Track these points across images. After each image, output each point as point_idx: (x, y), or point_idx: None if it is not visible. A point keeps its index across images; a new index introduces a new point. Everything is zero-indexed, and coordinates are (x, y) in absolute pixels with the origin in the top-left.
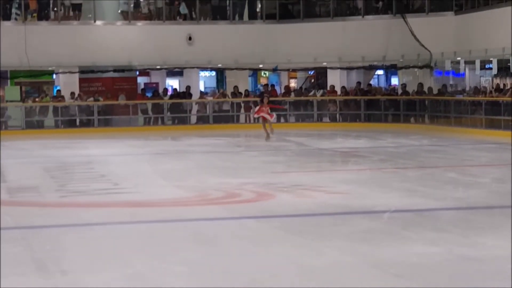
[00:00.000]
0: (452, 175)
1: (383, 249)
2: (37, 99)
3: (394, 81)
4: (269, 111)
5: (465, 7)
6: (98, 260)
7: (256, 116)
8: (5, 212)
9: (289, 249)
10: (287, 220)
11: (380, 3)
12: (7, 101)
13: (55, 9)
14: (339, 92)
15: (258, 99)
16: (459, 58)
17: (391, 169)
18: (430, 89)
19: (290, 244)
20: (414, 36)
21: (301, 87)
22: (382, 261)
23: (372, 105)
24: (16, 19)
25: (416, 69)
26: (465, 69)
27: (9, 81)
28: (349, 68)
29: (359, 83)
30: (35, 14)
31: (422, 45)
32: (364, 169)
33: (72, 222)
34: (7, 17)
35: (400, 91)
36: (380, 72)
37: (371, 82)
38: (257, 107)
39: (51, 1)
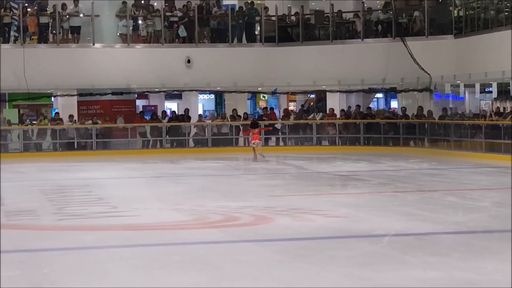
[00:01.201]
0: (451, 199)
1: (382, 273)
2: (34, 122)
3: (394, 104)
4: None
5: (464, 31)
6: (96, 283)
7: (252, 143)
8: (2, 235)
9: (288, 273)
10: (286, 243)
11: (380, 26)
12: (11, 124)
13: (54, 31)
14: (338, 115)
15: (249, 123)
16: (459, 82)
17: (391, 193)
18: (429, 112)
19: (289, 268)
20: (414, 60)
21: (303, 107)
22: (382, 286)
23: (371, 129)
24: (14, 41)
25: (415, 92)
26: (465, 93)
27: (7, 104)
28: (349, 91)
29: (358, 106)
30: (34, 37)
31: (422, 68)
32: (364, 193)
33: (70, 245)
34: (5, 40)
35: (400, 114)
36: (379, 95)
37: (371, 105)
38: (251, 133)
39: (50, 24)
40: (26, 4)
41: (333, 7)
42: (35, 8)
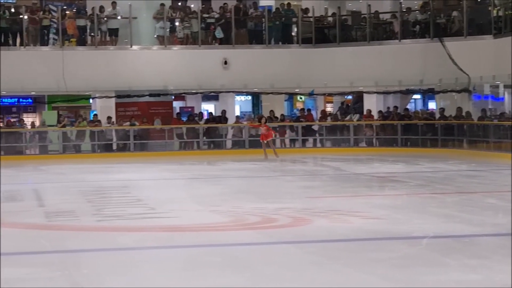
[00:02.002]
0: (491, 201)
1: (421, 275)
2: (74, 124)
3: (432, 105)
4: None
5: (504, 31)
6: (134, 284)
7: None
8: (43, 236)
9: (325, 275)
10: (323, 245)
11: (417, 27)
12: (48, 126)
13: (92, 34)
14: (376, 117)
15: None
16: (498, 82)
17: (429, 194)
18: (468, 113)
19: (326, 270)
20: (452, 60)
21: (343, 106)
22: None
23: (409, 130)
24: (53, 44)
25: (454, 93)
26: (504, 93)
27: (46, 106)
28: (386, 93)
29: (396, 107)
30: (73, 39)
31: (460, 69)
32: (401, 194)
33: (109, 246)
34: (45, 42)
35: (438, 116)
36: (417, 96)
37: (408, 106)
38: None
39: (88, 26)
40: (65, 7)
41: (370, 8)
42: (74, 10)
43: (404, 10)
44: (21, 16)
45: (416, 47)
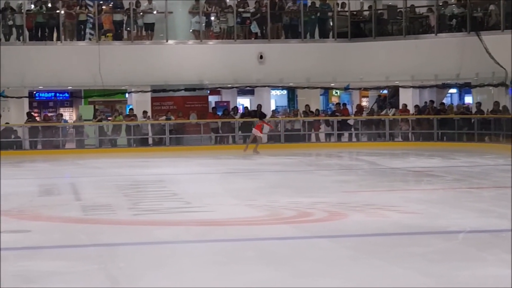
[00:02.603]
0: None
1: (458, 270)
2: (109, 118)
3: (468, 99)
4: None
5: None
6: (171, 278)
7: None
8: (80, 229)
9: (361, 269)
10: (359, 239)
11: (454, 20)
12: (84, 120)
13: (128, 29)
14: (411, 111)
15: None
16: None
17: (465, 189)
18: (505, 107)
19: (362, 265)
20: (489, 54)
21: (379, 99)
22: (457, 283)
23: (445, 124)
24: (90, 39)
25: (491, 88)
26: None
27: (83, 100)
28: (422, 87)
29: (432, 101)
30: (109, 34)
31: (497, 63)
32: (438, 189)
33: (145, 240)
34: (81, 37)
35: (474, 110)
36: (453, 90)
37: (444, 100)
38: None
39: (124, 21)
40: (101, 2)
41: (406, 2)
42: (110, 5)
43: (441, 3)
44: (58, 11)
45: (452, 41)
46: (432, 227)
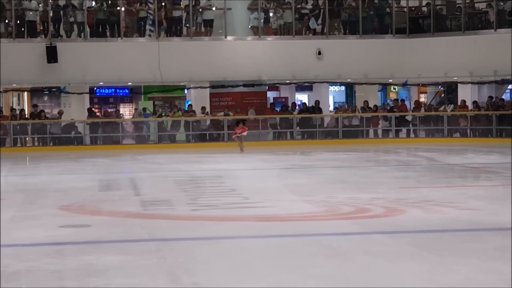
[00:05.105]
0: None
1: None
2: (169, 114)
3: None
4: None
5: None
6: (230, 273)
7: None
8: (139, 224)
9: (420, 265)
10: (418, 236)
11: None
12: (144, 115)
13: (187, 25)
14: (470, 107)
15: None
16: None
17: None
18: None
19: (421, 261)
20: None
21: (438, 94)
22: None
23: (504, 120)
24: (150, 35)
25: None
26: None
27: (142, 96)
28: (481, 83)
29: (490, 97)
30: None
31: None
32: (496, 185)
33: (204, 235)
34: (141, 34)
35: None
36: None
37: (503, 96)
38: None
39: (183, 18)
40: None
41: None
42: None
43: None
44: (118, 8)
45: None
46: (491, 223)
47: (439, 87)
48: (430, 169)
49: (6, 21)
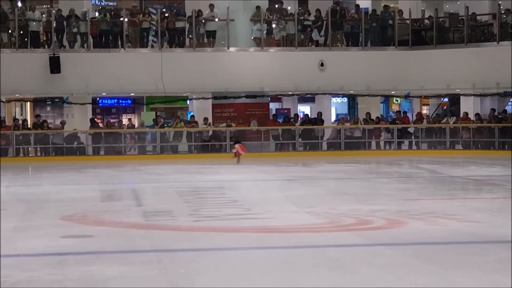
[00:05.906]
0: None
1: None
2: (170, 125)
3: None
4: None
5: None
6: (231, 284)
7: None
8: (141, 235)
9: (422, 277)
10: (420, 248)
11: None
12: (146, 127)
13: (190, 36)
14: (472, 119)
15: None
16: None
17: None
18: None
19: (423, 273)
20: None
21: (440, 107)
22: None
23: (506, 133)
24: (153, 46)
25: None
26: None
27: (145, 107)
28: (483, 95)
29: (493, 109)
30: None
31: None
32: (498, 198)
33: (206, 246)
34: (144, 44)
35: None
36: None
37: (506, 109)
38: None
39: (186, 29)
40: (164, 10)
41: (468, 9)
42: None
43: (503, 11)
44: (121, 19)
45: None
46: (493, 236)
47: (442, 99)
48: (432, 181)
49: (10, 31)
